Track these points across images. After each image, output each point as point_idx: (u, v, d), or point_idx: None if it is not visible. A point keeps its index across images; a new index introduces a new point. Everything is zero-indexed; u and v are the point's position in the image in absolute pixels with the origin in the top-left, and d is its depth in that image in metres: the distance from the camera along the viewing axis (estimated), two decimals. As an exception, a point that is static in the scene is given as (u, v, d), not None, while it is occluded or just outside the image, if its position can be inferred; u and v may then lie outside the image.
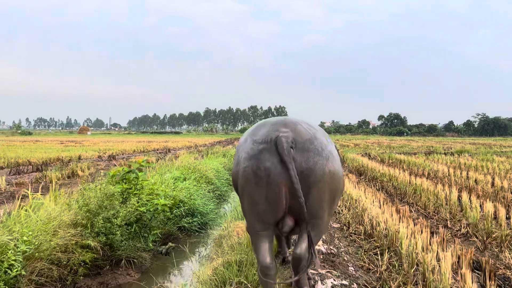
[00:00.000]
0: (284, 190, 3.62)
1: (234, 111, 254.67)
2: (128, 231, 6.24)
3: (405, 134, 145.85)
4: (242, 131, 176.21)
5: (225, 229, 7.06)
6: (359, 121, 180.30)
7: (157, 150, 35.88)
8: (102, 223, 5.60)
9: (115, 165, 22.19)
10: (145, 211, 6.54)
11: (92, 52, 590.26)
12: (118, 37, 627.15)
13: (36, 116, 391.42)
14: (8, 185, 13.72)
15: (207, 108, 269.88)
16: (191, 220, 8.88)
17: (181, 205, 8.97)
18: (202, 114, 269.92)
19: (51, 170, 17.52)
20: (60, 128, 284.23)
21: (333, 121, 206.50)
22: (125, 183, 6.94)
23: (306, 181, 3.59)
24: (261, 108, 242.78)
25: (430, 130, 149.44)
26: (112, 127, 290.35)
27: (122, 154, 30.41)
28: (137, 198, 6.80)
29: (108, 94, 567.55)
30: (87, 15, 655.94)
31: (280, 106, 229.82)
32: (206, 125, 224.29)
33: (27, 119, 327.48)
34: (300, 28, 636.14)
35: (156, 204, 6.54)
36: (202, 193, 10.85)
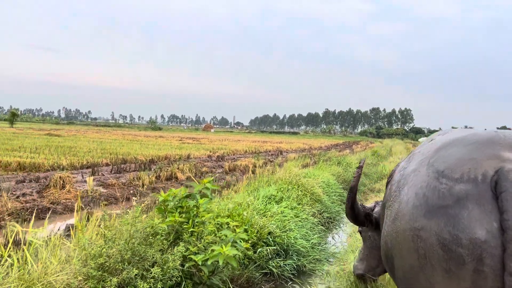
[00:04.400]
0: None
1: (354, 112, 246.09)
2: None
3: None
4: (362, 133, 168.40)
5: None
6: (497, 128, 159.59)
7: (269, 151, 34.19)
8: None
9: (222, 167, 20.82)
10: (201, 263, 4.20)
11: (223, 55, 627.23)
12: (247, 39, 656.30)
13: (170, 113, 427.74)
14: (100, 186, 12.80)
15: (326, 109, 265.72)
16: (282, 263, 6.36)
17: (270, 239, 6.51)
18: (321, 115, 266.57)
19: (151, 170, 16.57)
20: (189, 125, 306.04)
21: (465, 126, 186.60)
22: (181, 214, 4.70)
23: None
24: (384, 110, 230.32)
25: None
26: (235, 126, 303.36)
27: (233, 155, 29.31)
28: (194, 239, 4.51)
29: (235, 94, 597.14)
30: (220, 20, 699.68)
31: (405, 108, 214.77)
32: (324, 126, 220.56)
33: (162, 116, 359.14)
34: (431, 27, 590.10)
35: (217, 254, 4.15)
36: (305, 217, 8.29)
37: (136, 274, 3.60)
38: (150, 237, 4.11)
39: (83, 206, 9.71)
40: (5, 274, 3.36)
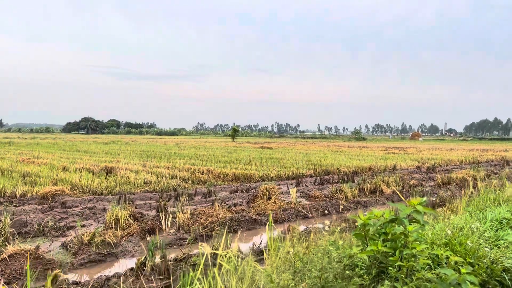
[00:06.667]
0: None
1: None
2: None
3: None
4: None
5: None
6: None
7: (491, 161, 29.39)
8: None
9: (433, 180, 18.64)
10: (412, 308, 3.29)
11: (430, 57, 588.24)
12: (458, 37, 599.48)
13: (374, 122, 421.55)
14: (303, 197, 12.79)
15: None
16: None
17: (506, 277, 4.99)
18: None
19: (354, 182, 15.90)
20: (395, 134, 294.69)
21: None
22: (384, 242, 3.87)
23: None
24: None
25: None
26: (447, 133, 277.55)
27: (446, 165, 26.25)
28: (403, 275, 3.62)
29: (445, 98, 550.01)
30: (427, 21, 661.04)
31: None
32: None
33: (366, 126, 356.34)
34: None
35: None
36: (554, 250, 6.27)
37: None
38: (347, 271, 3.42)
39: (286, 219, 9.71)
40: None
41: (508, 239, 5.73)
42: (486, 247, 5.33)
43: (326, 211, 10.43)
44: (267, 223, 9.37)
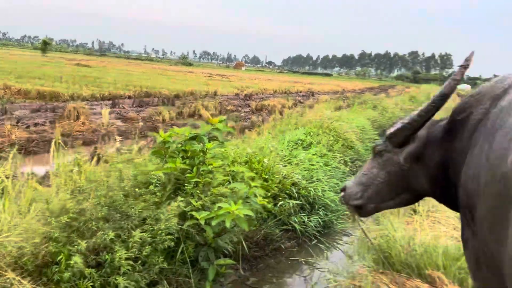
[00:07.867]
0: None
1: (392, 55, 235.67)
2: (162, 262, 3.10)
3: None
4: (398, 78, 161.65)
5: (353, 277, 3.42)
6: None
7: (300, 92, 32.84)
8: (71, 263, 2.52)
9: (248, 106, 19.85)
10: (203, 222, 3.34)
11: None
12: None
13: (202, 49, 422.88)
14: (118, 119, 12.11)
15: (362, 50, 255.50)
16: (306, 218, 5.50)
17: (294, 191, 5.60)
18: (356, 57, 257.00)
19: (175, 105, 15.77)
20: (221, 62, 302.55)
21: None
22: (184, 160, 3.80)
23: None
24: (423, 54, 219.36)
25: None
26: (267, 65, 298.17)
27: (262, 94, 28.23)
28: (199, 191, 3.62)
29: (267, 32, 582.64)
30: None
31: (445, 53, 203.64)
32: (359, 68, 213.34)
33: (194, 52, 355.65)
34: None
35: (223, 213, 3.27)
36: (335, 166, 7.35)
37: (113, 238, 2.75)
38: (138, 189, 3.24)
39: (95, 141, 9.05)
40: None
41: (299, 157, 6.40)
42: (280, 165, 5.86)
43: (141, 133, 10.07)
44: (75, 145, 8.59)
